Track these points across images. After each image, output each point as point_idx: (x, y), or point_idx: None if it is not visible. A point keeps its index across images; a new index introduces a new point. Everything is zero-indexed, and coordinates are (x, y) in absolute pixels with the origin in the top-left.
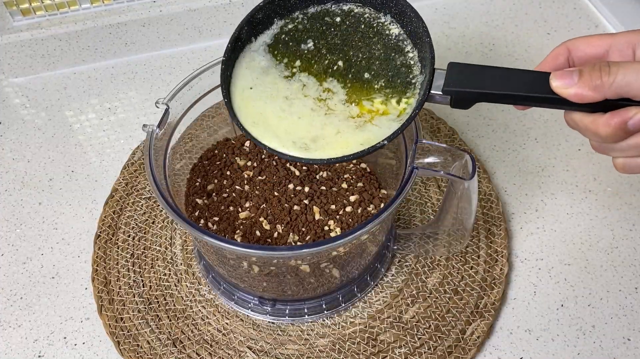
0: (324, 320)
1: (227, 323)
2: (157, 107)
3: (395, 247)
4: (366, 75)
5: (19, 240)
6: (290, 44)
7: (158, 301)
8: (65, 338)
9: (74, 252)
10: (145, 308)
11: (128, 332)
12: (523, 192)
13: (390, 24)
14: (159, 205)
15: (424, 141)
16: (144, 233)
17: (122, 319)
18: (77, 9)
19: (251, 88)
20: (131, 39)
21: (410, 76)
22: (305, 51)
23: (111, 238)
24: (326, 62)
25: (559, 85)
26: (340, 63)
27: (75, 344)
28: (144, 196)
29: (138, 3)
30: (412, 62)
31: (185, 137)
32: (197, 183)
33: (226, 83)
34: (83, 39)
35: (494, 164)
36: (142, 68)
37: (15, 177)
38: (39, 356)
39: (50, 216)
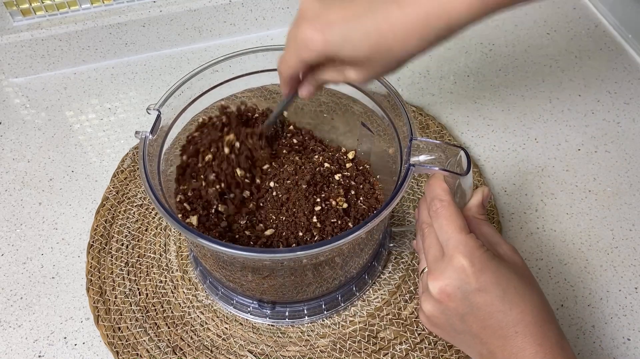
0: (323, 320)
1: (226, 328)
2: (149, 113)
3: (391, 244)
4: None
5: (19, 240)
6: None
7: (155, 309)
8: (65, 338)
9: (74, 252)
10: (143, 316)
11: (127, 341)
12: (523, 192)
13: None
14: (151, 212)
15: (418, 138)
16: (138, 240)
17: (119, 329)
18: (77, 9)
19: None
20: (131, 39)
21: None
22: None
23: (104, 248)
24: None
25: None
26: None
27: (75, 345)
28: (135, 204)
29: (138, 3)
30: None
31: (176, 142)
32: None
33: None
34: (83, 39)
35: (494, 164)
36: (142, 68)
37: (15, 177)
38: (39, 356)
39: (50, 216)
